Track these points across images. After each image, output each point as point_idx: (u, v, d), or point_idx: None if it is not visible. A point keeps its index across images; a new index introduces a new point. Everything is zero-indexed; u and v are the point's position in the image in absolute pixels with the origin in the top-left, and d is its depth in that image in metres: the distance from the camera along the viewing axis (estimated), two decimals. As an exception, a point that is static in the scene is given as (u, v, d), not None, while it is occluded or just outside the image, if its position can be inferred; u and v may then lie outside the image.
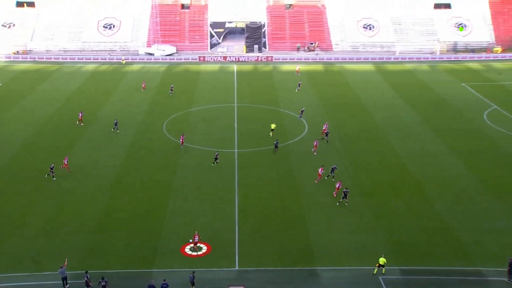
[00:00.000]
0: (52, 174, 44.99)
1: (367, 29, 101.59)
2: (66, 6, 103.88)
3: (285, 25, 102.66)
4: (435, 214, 39.70)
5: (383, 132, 56.85)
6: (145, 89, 72.60)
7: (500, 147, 52.59)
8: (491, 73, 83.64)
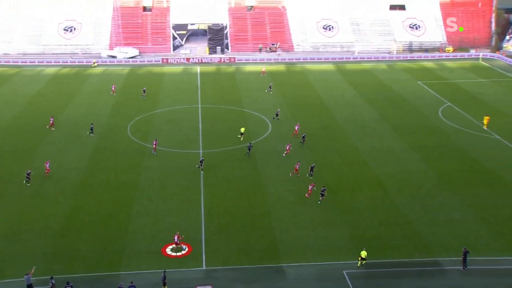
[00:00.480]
0: (28, 179, 43.64)
1: (326, 30, 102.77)
2: (25, 9, 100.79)
3: (247, 27, 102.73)
4: (395, 209, 40.50)
5: (344, 130, 57.60)
6: (115, 92, 70.86)
7: (454, 142, 54.13)
8: (444, 71, 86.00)
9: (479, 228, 37.67)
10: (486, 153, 50.94)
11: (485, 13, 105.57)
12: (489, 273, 32.67)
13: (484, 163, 48.57)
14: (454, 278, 32.12)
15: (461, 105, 66.38)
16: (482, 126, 57.59)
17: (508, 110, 64.16)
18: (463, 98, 69.61)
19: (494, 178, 45.61)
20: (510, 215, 39.36)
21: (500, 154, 50.74)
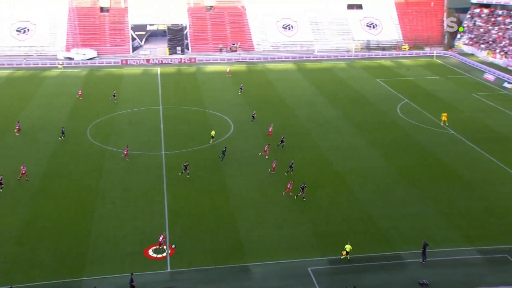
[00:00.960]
0: (1, 186, 41.94)
1: (286, 29, 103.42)
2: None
3: (207, 27, 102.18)
4: (357, 204, 41.13)
5: (306, 128, 58.08)
6: (81, 96, 68.72)
7: (412, 137, 55.46)
8: (401, 69, 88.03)
9: (438, 221, 38.71)
10: (442, 148, 52.42)
11: (437, 12, 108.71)
12: (447, 264, 33.59)
13: (441, 158, 49.97)
14: (415, 271, 32.87)
15: (418, 101, 68.09)
16: (440, 122, 59.19)
17: (461, 106, 66.27)
18: (419, 95, 71.43)
19: (450, 172, 46.98)
20: (465, 207, 40.63)
21: (455, 149, 52.32)
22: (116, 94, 68.62)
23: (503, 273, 32.43)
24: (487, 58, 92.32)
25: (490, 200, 41.70)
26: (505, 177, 45.78)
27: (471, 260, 33.94)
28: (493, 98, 70.07)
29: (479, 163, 48.77)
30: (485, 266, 33.32)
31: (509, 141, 54.24)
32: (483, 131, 57.07)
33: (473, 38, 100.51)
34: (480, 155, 50.55)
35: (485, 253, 34.57)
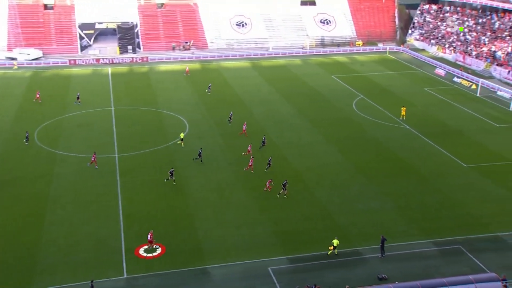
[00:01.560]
0: None
1: (240, 26, 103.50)
2: None
3: (159, 25, 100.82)
4: (316, 201, 41.69)
5: (263, 126, 58.34)
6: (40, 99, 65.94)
7: (368, 133, 56.72)
8: (355, 65, 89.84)
9: (395, 215, 39.78)
10: (398, 142, 53.88)
11: (389, 8, 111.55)
12: (405, 257, 34.56)
13: (396, 153, 51.35)
14: (374, 266, 33.65)
15: (373, 97, 69.69)
16: (400, 117, 60.69)
17: (415, 101, 68.31)
18: (374, 91, 73.12)
19: (406, 166, 48.36)
20: (421, 201, 41.93)
21: (410, 143, 53.89)
22: (80, 97, 66.36)
23: (456, 263, 33.70)
24: (437, 53, 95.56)
25: (443, 192, 43.21)
26: (457, 170, 47.54)
27: (427, 252, 35.07)
28: (444, 92, 72.62)
29: (433, 157, 50.43)
30: (441, 257, 34.50)
31: (460, 134, 56.36)
32: (435, 125, 59.02)
33: (423, 34, 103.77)
34: (434, 149, 52.29)
35: (440, 245, 35.79)
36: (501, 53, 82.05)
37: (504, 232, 37.19)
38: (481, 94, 70.76)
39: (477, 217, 39.37)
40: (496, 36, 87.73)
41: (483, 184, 44.67)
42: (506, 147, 52.62)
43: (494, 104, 66.90)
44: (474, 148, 52.52)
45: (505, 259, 34.11)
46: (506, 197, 42.43)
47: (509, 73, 76.77)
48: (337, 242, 34.53)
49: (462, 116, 62.59)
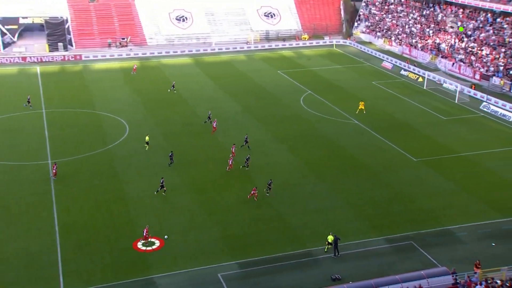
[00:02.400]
0: None
1: (180, 21, 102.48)
2: None
3: (92, 20, 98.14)
4: (266, 202, 41.86)
5: (207, 125, 58.02)
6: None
7: (317, 129, 57.59)
8: (301, 59, 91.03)
9: (347, 213, 40.57)
10: (347, 138, 55.03)
11: (334, 1, 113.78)
12: (359, 256, 35.28)
13: (346, 148, 52.42)
14: (327, 266, 34.12)
15: (321, 92, 70.84)
16: (356, 111, 62.08)
17: (363, 95, 69.96)
18: (322, 85, 74.34)
19: (356, 162, 49.46)
20: (372, 197, 43.00)
21: (359, 138, 55.17)
22: (30, 100, 63.35)
23: (409, 260, 34.77)
24: (384, 46, 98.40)
25: (393, 188, 44.52)
26: (406, 164, 49.11)
27: (381, 250, 35.97)
28: (391, 86, 74.87)
29: (382, 152, 51.84)
30: (394, 254, 35.49)
31: (409, 128, 58.27)
32: (384, 119, 60.72)
33: (369, 26, 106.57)
34: (383, 143, 53.77)
35: (392, 241, 36.81)
36: (445, 45, 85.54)
37: (453, 225, 38.74)
38: (427, 87, 73.47)
39: (427, 211, 40.81)
40: (439, 28, 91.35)
41: (432, 177, 46.36)
42: (453, 139, 54.88)
43: (441, 97, 69.61)
44: (422, 141, 54.43)
45: (454, 252, 35.54)
46: (454, 190, 44.22)
47: (454, 65, 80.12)
48: (331, 238, 35.05)
49: (410, 109, 64.74)
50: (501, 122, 60.21)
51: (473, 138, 55.50)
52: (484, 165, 48.79)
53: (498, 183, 45.43)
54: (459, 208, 41.30)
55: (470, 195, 43.17)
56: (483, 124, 60.02)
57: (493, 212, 40.46)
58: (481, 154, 51.04)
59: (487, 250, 35.71)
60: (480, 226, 38.54)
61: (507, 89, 69.92)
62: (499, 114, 62.23)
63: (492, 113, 62.91)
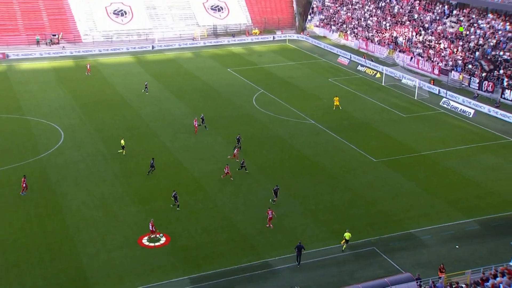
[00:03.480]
0: None
1: (118, 15, 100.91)
2: None
3: (15, 14, 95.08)
4: (218, 211, 41.76)
5: (152, 129, 57.44)
6: None
7: (271, 130, 57.98)
8: (253, 56, 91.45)
9: (305, 219, 40.96)
10: (303, 139, 55.63)
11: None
12: (319, 265, 35.61)
13: (302, 150, 52.99)
14: (286, 278, 34.31)
15: (274, 91, 71.37)
16: (333, 108, 63.56)
17: (319, 93, 71.02)
18: (275, 84, 74.91)
19: (313, 164, 50.07)
20: (330, 201, 43.60)
21: (316, 139, 55.90)
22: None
23: (372, 266, 35.46)
24: (339, 40, 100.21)
25: (353, 190, 45.32)
26: (366, 165, 50.12)
27: (341, 257, 36.49)
28: (349, 82, 76.31)
29: (341, 152, 52.72)
30: (355, 261, 36.09)
31: (367, 127, 59.53)
32: (342, 118, 61.80)
33: (323, 20, 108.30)
34: (341, 144, 54.69)
35: (353, 248, 37.41)
36: (403, 38, 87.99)
37: (416, 228, 39.79)
38: (386, 83, 75.33)
39: (389, 214, 41.77)
40: (396, 21, 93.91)
41: (393, 178, 47.50)
42: (414, 138, 56.45)
43: (400, 93, 71.49)
44: (382, 141, 55.72)
45: (418, 257, 36.52)
46: (415, 191, 45.45)
47: (412, 59, 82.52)
48: (349, 235, 36.10)
49: (369, 107, 66.17)
50: (461, 119, 62.42)
51: (433, 135, 57.26)
52: (445, 163, 50.41)
53: (459, 182, 47.05)
54: (422, 209, 42.48)
55: (432, 196, 44.48)
56: (443, 121, 62.04)
57: (456, 213, 41.84)
58: (442, 153, 52.73)
59: (451, 253, 36.88)
60: (443, 228, 39.75)
61: (466, 84, 72.56)
62: (459, 110, 64.49)
63: (452, 109, 65.13)
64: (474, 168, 49.40)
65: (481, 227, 40.05)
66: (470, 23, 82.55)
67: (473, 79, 71.52)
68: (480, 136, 57.12)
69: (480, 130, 58.88)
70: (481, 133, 58.03)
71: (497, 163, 50.71)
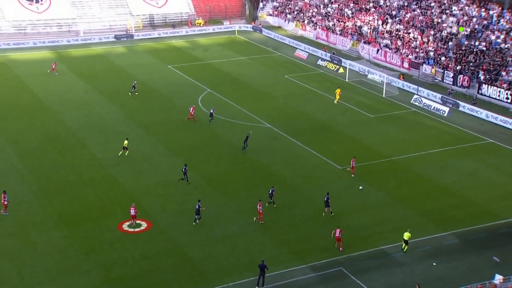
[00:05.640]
0: None
1: (33, 2, 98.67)
2: None
3: None
4: (160, 233, 41.27)
5: (79, 139, 56.60)
6: None
7: (220, 137, 57.89)
8: (197, 50, 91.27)
9: (262, 238, 40.97)
10: (258, 145, 55.67)
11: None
12: (279, 290, 35.90)
13: (257, 158, 53.09)
14: (240, 306, 34.34)
15: (223, 90, 71.36)
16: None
17: (274, 92, 71.42)
18: (224, 82, 74.97)
19: (270, 174, 50.21)
20: (290, 217, 43.75)
21: (273, 145, 56.14)
22: None
23: (339, 290, 35.97)
24: (296, 31, 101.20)
25: (316, 203, 45.62)
26: (330, 174, 50.65)
27: (304, 280, 36.68)
28: (308, 79, 77.10)
29: (301, 160, 53.12)
30: (320, 285, 36.31)
31: (331, 130, 60.25)
32: (301, 121, 62.36)
33: (277, 8, 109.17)
34: (301, 150, 55.12)
35: (318, 269, 37.66)
36: (368, 28, 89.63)
37: (387, 244, 40.41)
38: (350, 79, 76.50)
39: (357, 229, 42.29)
40: (360, 8, 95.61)
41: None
42: (382, 141, 57.44)
43: (366, 90, 72.72)
44: (347, 145, 56.47)
45: (390, 277, 37.09)
46: (386, 202, 46.23)
47: (378, 52, 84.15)
48: (408, 235, 38.32)
49: (331, 107, 67.00)
50: (434, 118, 63.97)
51: (404, 138, 58.46)
52: (418, 170, 51.48)
53: (434, 190, 48.11)
54: (393, 223, 43.21)
55: (404, 207, 45.32)
56: (415, 121, 63.44)
57: (431, 226, 42.75)
58: (414, 157, 53.86)
59: (428, 271, 37.61)
60: (418, 243, 40.48)
61: (439, 78, 74.46)
62: (432, 109, 66.08)
63: (425, 108, 66.69)
64: (450, 174, 50.66)
65: (460, 240, 41.05)
66: (441, 10, 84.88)
67: (447, 72, 73.48)
68: (456, 138, 58.70)
69: (455, 131, 60.51)
70: (457, 134, 59.65)
71: (475, 168, 52.18)
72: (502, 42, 73.19)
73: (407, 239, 38.92)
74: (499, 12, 78.83)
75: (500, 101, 66.81)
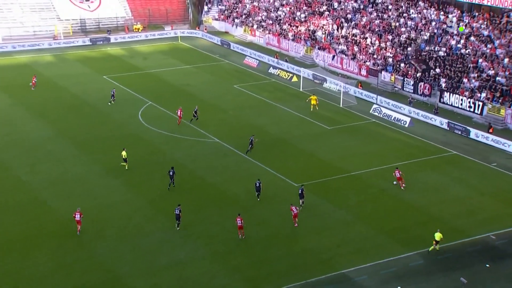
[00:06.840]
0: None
1: None
2: None
3: None
4: (97, 262, 40.65)
5: (2, 159, 55.73)
6: None
7: (164, 153, 57.50)
8: (136, 58, 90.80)
9: (211, 265, 40.68)
10: (206, 163, 55.62)
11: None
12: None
13: (205, 177, 52.92)
14: None
15: (166, 103, 71.02)
16: (310, 109, 66.17)
17: (222, 103, 71.46)
18: (166, 94, 74.74)
19: (220, 194, 50.08)
20: (242, 240, 43.54)
21: (222, 162, 56.07)
22: None
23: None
24: (245, 37, 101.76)
25: (271, 225, 45.68)
26: (285, 192, 50.74)
27: (260, 310, 36.67)
28: (259, 89, 77.44)
29: (254, 177, 52.96)
30: (278, 314, 36.37)
31: (284, 144, 60.52)
32: (251, 134, 62.32)
33: (224, 11, 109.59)
34: (254, 166, 55.17)
35: (275, 297, 37.73)
36: (322, 33, 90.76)
37: (349, 267, 40.57)
38: (304, 88, 77.20)
39: (315, 252, 42.43)
40: (313, 11, 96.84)
41: (318, 207, 48.38)
42: (341, 155, 58.03)
43: (322, 100, 73.43)
44: (303, 160, 56.81)
45: (353, 303, 37.43)
46: (346, 221, 46.57)
47: (334, 58, 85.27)
48: (440, 236, 40.74)
49: (285, 119, 67.40)
50: (395, 129, 65.05)
51: (364, 151, 59.17)
52: (380, 185, 52.15)
53: (398, 207, 48.77)
54: (355, 244, 43.54)
55: (366, 226, 45.74)
56: (375, 132, 64.35)
57: (395, 246, 43.22)
58: (376, 172, 54.54)
59: (393, 295, 38.04)
60: (382, 265, 40.88)
61: (399, 86, 75.87)
62: (392, 119, 67.20)
63: (385, 118, 67.77)
64: (414, 190, 51.46)
65: (426, 261, 41.61)
66: (399, 13, 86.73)
67: (407, 80, 74.94)
68: (419, 150, 59.79)
69: (418, 142, 61.65)
70: (419, 146, 60.76)
71: (440, 182, 53.17)
72: (462, 48, 75.08)
73: (438, 239, 41.31)
74: (459, 16, 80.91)
75: (463, 109, 68.38)
